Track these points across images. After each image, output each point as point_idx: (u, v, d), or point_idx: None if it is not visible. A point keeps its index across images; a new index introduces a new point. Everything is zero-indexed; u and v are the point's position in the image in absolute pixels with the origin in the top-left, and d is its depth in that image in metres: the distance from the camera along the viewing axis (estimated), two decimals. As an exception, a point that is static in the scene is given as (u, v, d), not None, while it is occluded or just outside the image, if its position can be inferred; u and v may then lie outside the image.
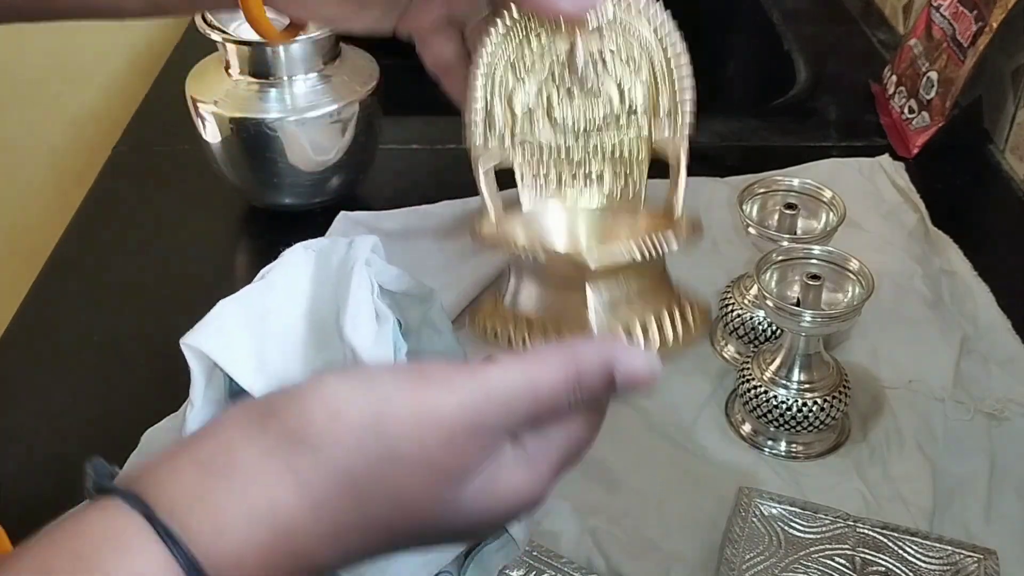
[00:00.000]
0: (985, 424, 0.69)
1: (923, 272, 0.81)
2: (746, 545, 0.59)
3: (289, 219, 0.88)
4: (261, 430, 0.35)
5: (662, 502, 0.64)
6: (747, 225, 0.71)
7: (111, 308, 0.81)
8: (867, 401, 0.71)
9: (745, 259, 0.78)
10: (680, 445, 0.68)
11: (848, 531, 0.59)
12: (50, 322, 0.80)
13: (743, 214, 0.72)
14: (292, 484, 0.34)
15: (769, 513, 0.61)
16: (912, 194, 0.91)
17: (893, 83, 1.05)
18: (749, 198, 0.73)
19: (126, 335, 0.78)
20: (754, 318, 0.73)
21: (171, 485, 0.34)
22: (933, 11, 1.01)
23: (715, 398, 0.72)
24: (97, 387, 0.74)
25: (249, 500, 0.34)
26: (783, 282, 0.67)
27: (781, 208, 0.72)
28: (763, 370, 0.67)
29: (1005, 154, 0.98)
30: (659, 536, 0.62)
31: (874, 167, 0.95)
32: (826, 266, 0.66)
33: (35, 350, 0.77)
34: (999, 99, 0.99)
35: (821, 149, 0.99)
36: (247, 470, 0.35)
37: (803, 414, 0.66)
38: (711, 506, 0.63)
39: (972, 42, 0.93)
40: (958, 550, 0.58)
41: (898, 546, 0.59)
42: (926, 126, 0.98)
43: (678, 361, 0.74)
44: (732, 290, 0.76)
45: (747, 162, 0.97)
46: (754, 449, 0.68)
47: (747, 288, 0.75)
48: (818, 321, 0.63)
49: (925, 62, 1.00)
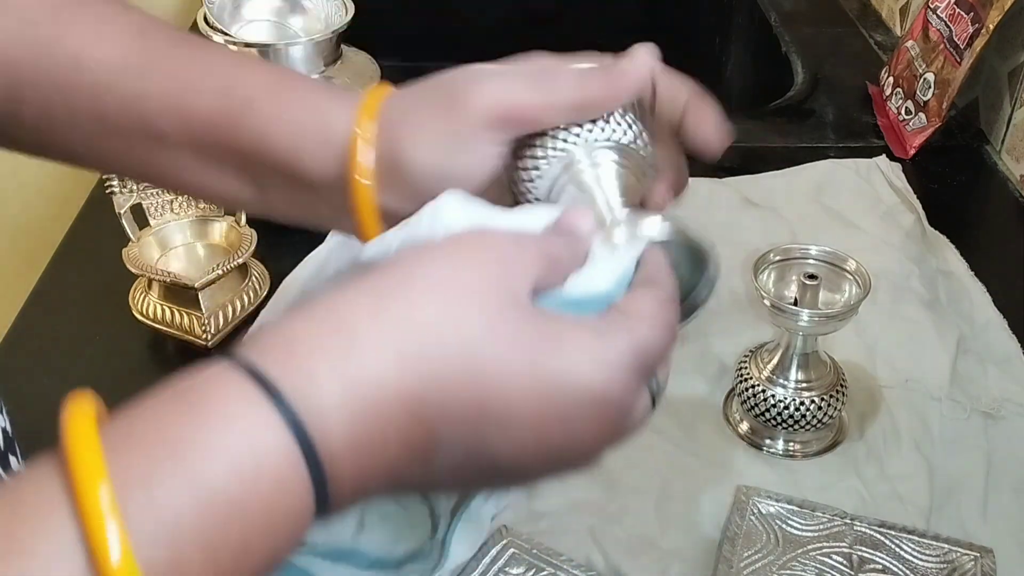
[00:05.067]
0: (981, 423, 0.69)
1: (920, 272, 0.82)
2: (744, 543, 0.59)
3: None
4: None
5: (660, 500, 0.64)
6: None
7: (111, 308, 0.81)
8: (864, 400, 0.71)
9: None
10: (678, 444, 0.68)
11: (845, 529, 0.60)
12: (50, 322, 0.80)
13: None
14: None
15: (767, 511, 0.61)
16: (909, 195, 0.91)
17: (890, 84, 1.05)
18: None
19: (126, 335, 0.78)
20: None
21: (280, 349, 0.34)
22: (930, 13, 1.01)
23: (713, 397, 0.72)
24: (98, 387, 0.74)
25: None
26: (780, 281, 0.67)
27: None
28: (761, 369, 0.68)
29: (1001, 155, 0.98)
30: (657, 534, 0.62)
31: (871, 168, 0.95)
32: (823, 266, 0.66)
33: (35, 350, 0.78)
34: (995, 100, 0.99)
35: (818, 150, 0.99)
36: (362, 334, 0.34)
37: (800, 413, 0.66)
38: (709, 504, 0.64)
39: (968, 44, 0.94)
40: (955, 548, 0.59)
41: (895, 544, 0.59)
42: (923, 127, 0.98)
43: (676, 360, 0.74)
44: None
45: (745, 163, 0.97)
46: (752, 448, 0.68)
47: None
48: (815, 320, 0.64)
49: (922, 63, 1.00)
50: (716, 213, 0.88)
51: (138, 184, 0.78)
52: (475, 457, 0.36)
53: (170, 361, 0.77)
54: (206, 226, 0.81)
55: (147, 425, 0.32)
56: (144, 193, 0.78)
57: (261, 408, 0.32)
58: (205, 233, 0.81)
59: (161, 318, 0.77)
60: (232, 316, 0.77)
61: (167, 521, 0.29)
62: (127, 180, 0.77)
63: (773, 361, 0.68)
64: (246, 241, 0.78)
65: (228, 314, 0.77)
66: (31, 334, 0.79)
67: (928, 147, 0.97)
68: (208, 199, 0.50)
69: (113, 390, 0.78)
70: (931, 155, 0.97)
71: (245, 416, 0.32)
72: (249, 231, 0.79)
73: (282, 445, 0.32)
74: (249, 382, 0.32)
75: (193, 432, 0.31)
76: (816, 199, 0.91)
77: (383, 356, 0.34)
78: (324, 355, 0.34)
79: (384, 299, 0.35)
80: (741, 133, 1.03)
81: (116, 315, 0.79)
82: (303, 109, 0.46)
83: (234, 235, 0.80)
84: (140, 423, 0.32)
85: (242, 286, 0.79)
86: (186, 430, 0.31)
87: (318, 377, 0.33)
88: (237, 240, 0.79)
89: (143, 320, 0.78)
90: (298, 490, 0.32)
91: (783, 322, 0.65)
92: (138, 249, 0.78)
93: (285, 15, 0.90)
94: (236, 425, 0.31)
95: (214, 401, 0.32)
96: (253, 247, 0.78)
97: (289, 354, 0.34)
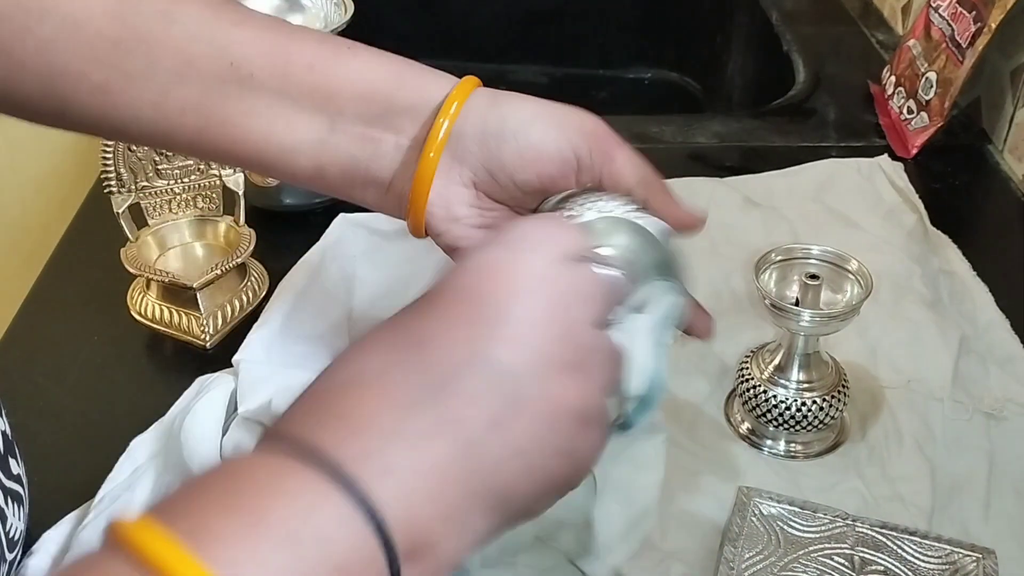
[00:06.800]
0: (984, 424, 0.69)
1: (922, 272, 0.81)
2: (745, 544, 0.59)
3: (288, 219, 0.88)
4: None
5: (661, 501, 0.64)
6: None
7: (109, 308, 0.81)
8: (866, 401, 0.71)
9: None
10: (679, 444, 0.68)
11: (847, 530, 0.60)
12: (48, 322, 0.80)
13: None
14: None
15: (768, 512, 0.61)
16: (911, 194, 0.91)
17: (892, 83, 1.05)
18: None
19: (125, 335, 0.78)
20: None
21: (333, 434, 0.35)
22: (932, 12, 1.01)
23: (714, 397, 0.72)
24: (97, 387, 0.74)
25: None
26: (782, 281, 0.67)
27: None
28: (762, 369, 0.68)
29: (1004, 154, 0.98)
30: (658, 535, 0.62)
31: (873, 167, 0.95)
32: (825, 266, 0.66)
33: (33, 350, 0.77)
34: (998, 99, 0.99)
35: (820, 149, 0.99)
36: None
37: (802, 413, 0.66)
38: (710, 505, 0.63)
39: (971, 42, 0.93)
40: (957, 549, 0.59)
41: (897, 545, 0.59)
42: (925, 126, 0.98)
43: (677, 360, 0.74)
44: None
45: (746, 162, 0.97)
46: (753, 448, 0.68)
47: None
48: (817, 321, 0.64)
49: (924, 62, 1.00)
50: (717, 213, 0.88)
51: (136, 184, 0.78)
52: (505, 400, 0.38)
53: (169, 361, 0.77)
54: (205, 226, 0.81)
55: (221, 518, 0.32)
56: (143, 193, 0.78)
57: (337, 500, 0.33)
58: (204, 233, 0.81)
59: (159, 318, 0.77)
60: (231, 316, 0.77)
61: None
62: (126, 180, 0.77)
63: (774, 361, 0.67)
64: (245, 241, 0.78)
65: (227, 314, 0.77)
66: (29, 334, 0.78)
67: (930, 147, 0.97)
68: (259, 152, 0.52)
69: (112, 390, 0.78)
70: (933, 155, 0.97)
71: (323, 509, 0.33)
72: (248, 231, 0.79)
73: (360, 525, 0.33)
74: (325, 477, 0.33)
75: (278, 516, 0.32)
76: (818, 199, 0.91)
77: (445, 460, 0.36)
78: (385, 436, 0.35)
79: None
80: (742, 133, 1.03)
81: (114, 315, 0.79)
82: (407, 62, 0.53)
83: (233, 235, 0.79)
84: (208, 516, 0.32)
85: (241, 286, 0.78)
86: (265, 514, 0.32)
87: (391, 464, 0.35)
88: (236, 240, 0.79)
89: (141, 320, 0.77)
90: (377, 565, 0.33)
91: (784, 322, 0.65)
92: (136, 249, 0.78)
93: (284, 14, 0.90)
94: (317, 509, 0.32)
95: (287, 486, 0.33)
96: (252, 247, 0.78)
97: (355, 438, 0.35)
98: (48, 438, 0.70)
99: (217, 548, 0.30)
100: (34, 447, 0.69)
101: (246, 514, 0.31)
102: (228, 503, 0.32)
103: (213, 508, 0.32)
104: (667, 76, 1.48)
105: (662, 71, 1.48)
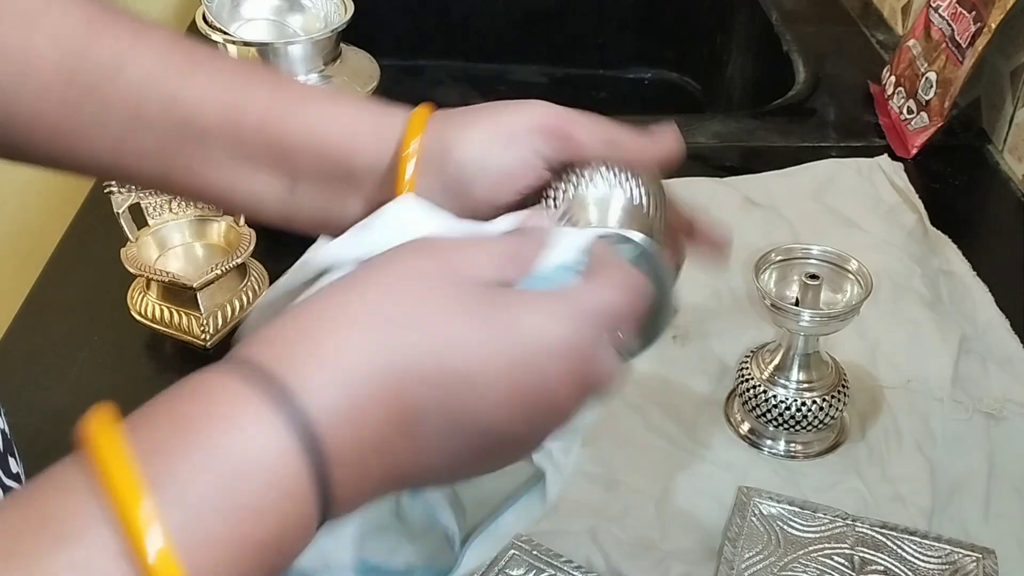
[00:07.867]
0: (983, 423, 0.69)
1: (922, 272, 0.81)
2: (745, 544, 0.59)
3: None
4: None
5: (661, 501, 0.64)
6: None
7: (109, 308, 0.81)
8: (866, 401, 0.71)
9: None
10: (679, 444, 0.68)
11: (847, 530, 0.60)
12: (48, 322, 0.80)
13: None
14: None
15: (768, 512, 0.61)
16: (911, 194, 0.91)
17: (892, 83, 1.05)
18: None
19: (125, 335, 0.78)
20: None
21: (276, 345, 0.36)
22: (932, 12, 1.01)
23: (714, 397, 0.72)
24: (97, 387, 0.74)
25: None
26: (782, 281, 0.67)
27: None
28: (762, 370, 0.68)
29: (1003, 154, 0.98)
30: (658, 535, 0.62)
31: (873, 167, 0.95)
32: (825, 266, 0.66)
33: (33, 350, 0.77)
34: (997, 99, 0.99)
35: (820, 149, 0.99)
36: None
37: (802, 414, 0.66)
38: (710, 505, 0.63)
39: (971, 43, 0.93)
40: (957, 549, 0.59)
41: (897, 545, 0.59)
42: (925, 126, 0.98)
43: (677, 361, 0.74)
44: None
45: (746, 162, 0.97)
46: (753, 448, 0.68)
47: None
48: (817, 320, 0.64)
49: (924, 63, 1.00)
50: (717, 213, 0.87)
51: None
52: (457, 426, 0.38)
53: (168, 361, 0.77)
54: (205, 226, 0.81)
55: (168, 435, 0.34)
56: (142, 193, 0.78)
57: (270, 409, 0.34)
58: (204, 233, 0.81)
59: (160, 318, 0.77)
60: (231, 316, 0.77)
61: (199, 523, 0.32)
62: None
63: (774, 361, 0.67)
64: (245, 241, 0.78)
65: (227, 314, 0.77)
66: (29, 334, 0.78)
67: (930, 147, 0.97)
68: (225, 201, 0.52)
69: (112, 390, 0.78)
70: (933, 155, 0.97)
71: (257, 420, 0.34)
72: (248, 231, 0.79)
73: (291, 446, 0.34)
74: (257, 386, 0.34)
75: (213, 438, 0.34)
76: (818, 199, 0.91)
77: (365, 348, 0.36)
78: (317, 351, 0.36)
79: (356, 295, 0.38)
80: (742, 133, 1.03)
81: (114, 315, 0.79)
82: (357, 107, 0.51)
83: (233, 235, 0.79)
84: (160, 432, 0.35)
85: (241, 286, 0.78)
86: (203, 435, 0.34)
87: (316, 375, 0.35)
88: (236, 240, 0.79)
89: (141, 320, 0.77)
90: (304, 493, 0.34)
91: (784, 322, 0.65)
92: (136, 249, 0.78)
93: (284, 14, 0.90)
94: (249, 431, 0.34)
95: (224, 406, 0.35)
96: (252, 247, 0.78)
97: (290, 355, 0.36)
98: (48, 438, 0.70)
99: (157, 461, 0.33)
100: (34, 447, 0.69)
101: (185, 425, 0.34)
102: (176, 415, 0.35)
103: (165, 418, 0.35)
104: (667, 76, 1.48)
105: (662, 71, 1.48)
